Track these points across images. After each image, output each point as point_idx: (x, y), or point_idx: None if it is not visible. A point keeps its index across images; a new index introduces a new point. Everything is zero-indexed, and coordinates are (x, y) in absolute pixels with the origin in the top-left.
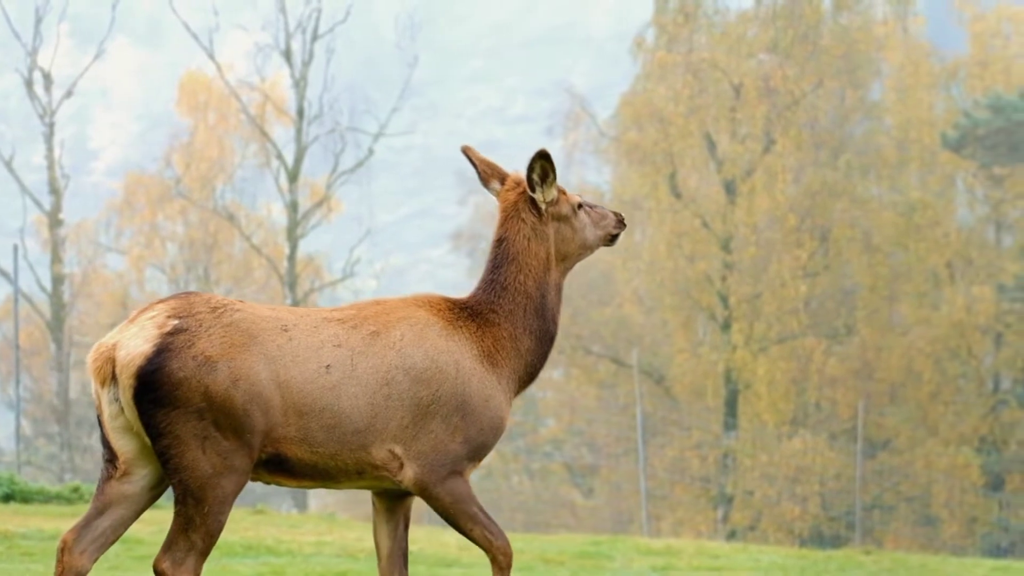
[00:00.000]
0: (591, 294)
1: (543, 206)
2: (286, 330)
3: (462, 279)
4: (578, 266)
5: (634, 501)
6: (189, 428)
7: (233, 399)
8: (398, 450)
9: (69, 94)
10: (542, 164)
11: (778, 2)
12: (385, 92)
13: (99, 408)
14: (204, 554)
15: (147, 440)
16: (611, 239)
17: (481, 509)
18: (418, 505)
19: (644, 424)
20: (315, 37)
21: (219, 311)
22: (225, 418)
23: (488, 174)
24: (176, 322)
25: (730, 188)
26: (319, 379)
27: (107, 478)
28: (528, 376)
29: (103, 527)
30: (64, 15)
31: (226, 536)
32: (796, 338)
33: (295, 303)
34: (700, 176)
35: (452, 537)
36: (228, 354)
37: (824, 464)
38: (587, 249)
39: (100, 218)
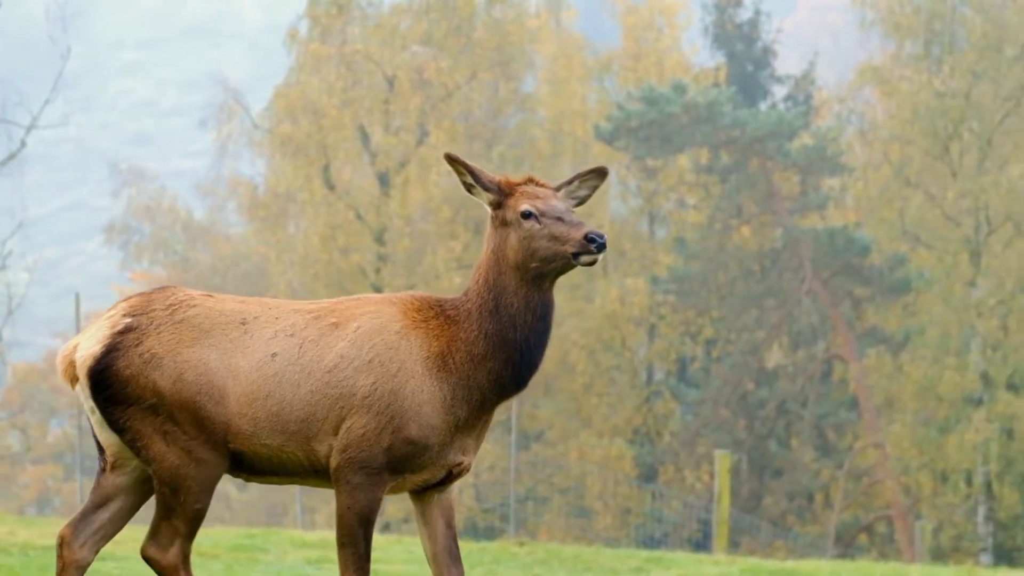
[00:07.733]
0: (245, 286)
1: (488, 209)
2: (244, 323)
3: (115, 272)
4: (233, 257)
5: (288, 494)
6: (148, 423)
7: (181, 392)
8: (337, 443)
9: None
10: (453, 167)
11: None
12: (37, 84)
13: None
14: (189, 537)
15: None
16: (574, 257)
17: (367, 538)
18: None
19: None
20: None
21: (174, 308)
22: (180, 411)
23: None
24: (128, 320)
25: (384, 180)
26: (264, 367)
27: (101, 471)
28: (493, 386)
29: (102, 520)
30: None
31: None
32: None
33: None
34: (354, 168)
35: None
36: (175, 350)
37: (478, 456)
38: (542, 261)
39: None
